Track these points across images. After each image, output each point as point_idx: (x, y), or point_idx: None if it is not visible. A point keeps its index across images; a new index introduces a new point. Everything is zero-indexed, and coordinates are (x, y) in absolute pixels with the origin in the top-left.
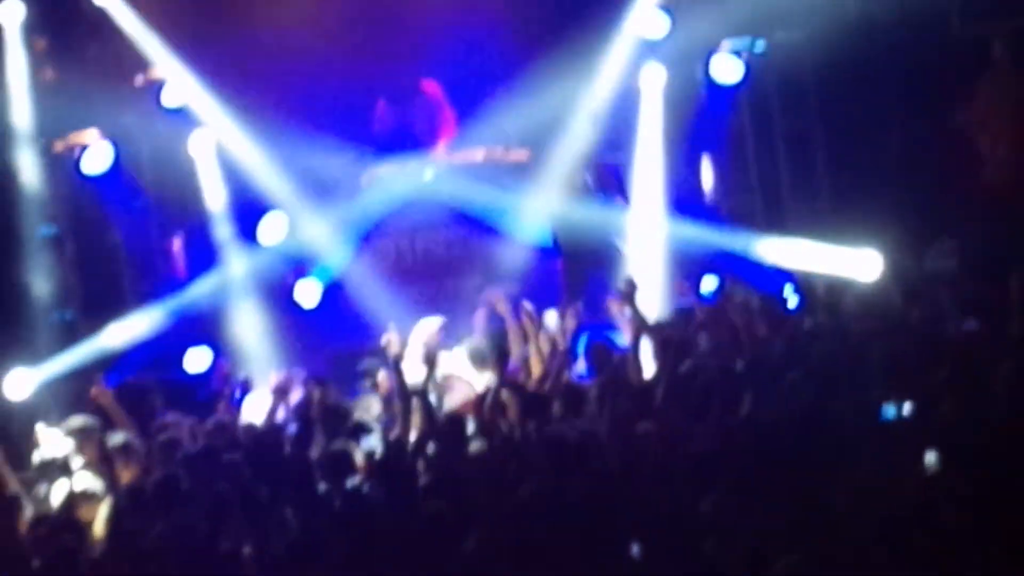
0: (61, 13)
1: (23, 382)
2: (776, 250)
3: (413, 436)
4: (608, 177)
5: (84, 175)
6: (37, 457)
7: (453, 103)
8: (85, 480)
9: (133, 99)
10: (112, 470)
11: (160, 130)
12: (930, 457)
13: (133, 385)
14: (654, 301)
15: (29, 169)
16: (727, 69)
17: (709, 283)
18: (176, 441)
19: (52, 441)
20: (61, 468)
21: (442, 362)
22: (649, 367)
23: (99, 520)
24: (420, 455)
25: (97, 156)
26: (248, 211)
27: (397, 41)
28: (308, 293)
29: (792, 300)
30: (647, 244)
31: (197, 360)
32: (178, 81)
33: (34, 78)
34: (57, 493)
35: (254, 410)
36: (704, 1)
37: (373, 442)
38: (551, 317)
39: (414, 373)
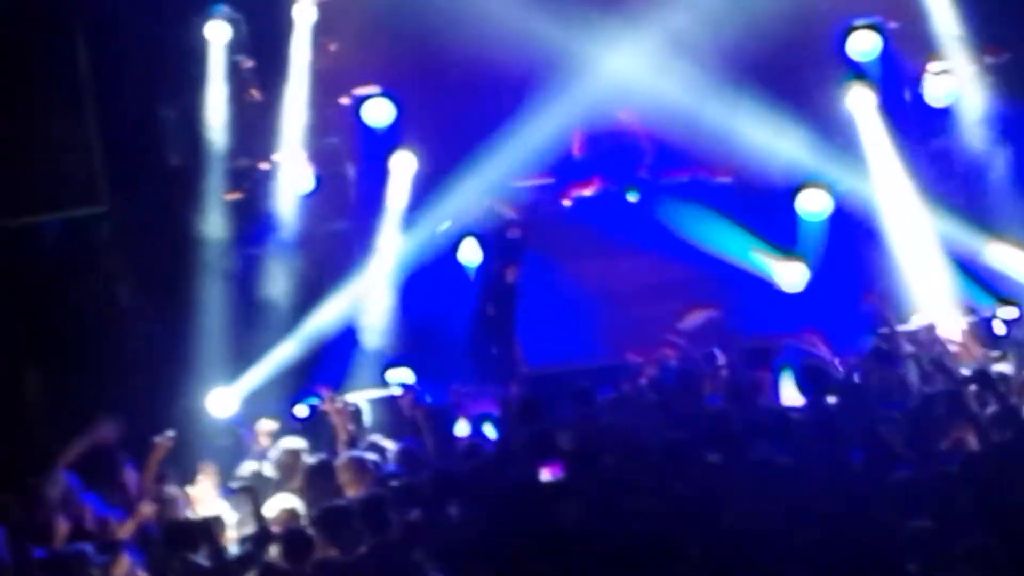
0: (266, 33)
1: (225, 399)
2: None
3: None
4: None
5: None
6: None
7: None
8: (286, 499)
9: (336, 118)
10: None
11: (362, 148)
12: None
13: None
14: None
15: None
16: (937, 89)
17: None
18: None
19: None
20: (264, 487)
21: None
22: None
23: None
24: None
25: (299, 175)
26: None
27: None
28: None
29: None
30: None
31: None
32: (379, 100)
33: (238, 97)
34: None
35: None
36: (915, 23)
37: None
38: None
39: None
